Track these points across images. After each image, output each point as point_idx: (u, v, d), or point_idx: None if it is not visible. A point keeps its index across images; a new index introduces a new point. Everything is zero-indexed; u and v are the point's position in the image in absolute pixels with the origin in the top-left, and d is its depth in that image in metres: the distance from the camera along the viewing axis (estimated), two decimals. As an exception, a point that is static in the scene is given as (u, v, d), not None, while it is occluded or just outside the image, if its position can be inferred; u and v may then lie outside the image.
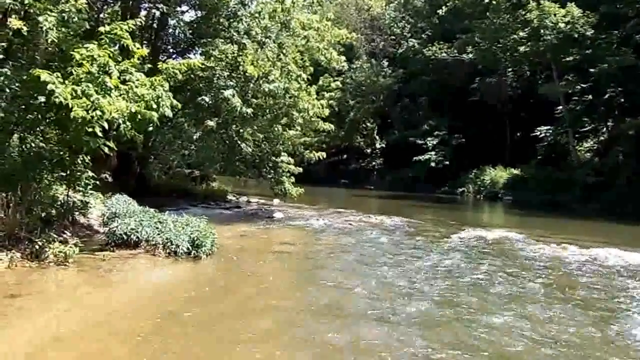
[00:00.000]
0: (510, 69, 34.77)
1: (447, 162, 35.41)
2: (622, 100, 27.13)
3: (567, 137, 29.40)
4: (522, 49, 28.08)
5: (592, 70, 25.69)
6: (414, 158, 36.02)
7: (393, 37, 43.16)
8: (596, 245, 12.05)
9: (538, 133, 30.70)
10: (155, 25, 16.95)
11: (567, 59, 26.72)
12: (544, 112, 30.83)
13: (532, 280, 8.49)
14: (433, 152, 35.75)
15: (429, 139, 36.40)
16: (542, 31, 26.33)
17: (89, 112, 7.96)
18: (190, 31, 16.95)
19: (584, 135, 30.72)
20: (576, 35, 25.72)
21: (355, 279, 8.20)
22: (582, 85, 27.12)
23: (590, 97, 27.95)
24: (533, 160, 31.29)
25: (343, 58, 18.43)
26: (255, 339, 5.36)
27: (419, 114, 39.88)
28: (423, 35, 40.44)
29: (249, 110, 14.63)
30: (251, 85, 15.23)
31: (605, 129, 30.02)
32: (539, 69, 32.52)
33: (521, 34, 27.78)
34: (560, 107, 28.90)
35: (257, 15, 15.95)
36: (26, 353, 4.72)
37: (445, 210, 23.80)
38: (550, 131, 30.25)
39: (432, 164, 35.44)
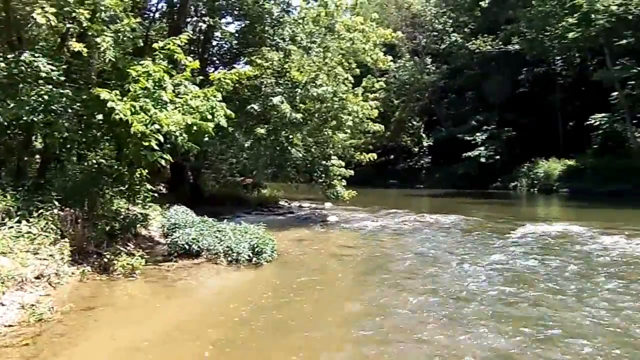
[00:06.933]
0: (559, 57, 33.61)
1: (498, 157, 34.50)
2: (684, 81, 25.75)
3: (625, 124, 28.10)
4: (571, 35, 27.07)
5: (649, 51, 24.56)
6: (464, 154, 35.27)
7: (435, 33, 42.47)
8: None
9: (592, 121, 29.37)
10: (201, 37, 17.27)
11: (621, 42, 25.59)
12: (597, 99, 29.55)
13: (604, 276, 8.11)
14: (483, 148, 34.91)
15: (477, 134, 35.58)
16: (592, 15, 25.29)
17: (148, 126, 8.17)
18: (236, 41, 17.20)
19: (643, 120, 29.34)
20: (630, 17, 24.58)
21: (418, 280, 8.05)
22: (639, 68, 25.85)
23: (648, 80, 26.63)
24: (588, 149, 30.06)
25: (390, 58, 18.27)
26: (328, 345, 5.35)
27: (466, 110, 39.08)
28: (466, 29, 39.64)
29: (298, 116, 14.69)
30: (299, 90, 15.28)
31: (666, 112, 28.62)
32: (590, 55, 31.31)
33: (570, 20, 26.77)
34: (616, 92, 27.67)
35: (301, 21, 16.06)
36: (108, 364, 4.84)
37: (500, 206, 23.21)
38: (606, 118, 28.90)
39: (483, 160, 34.59)
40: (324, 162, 16.40)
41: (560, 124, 34.44)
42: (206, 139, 10.01)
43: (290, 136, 15.48)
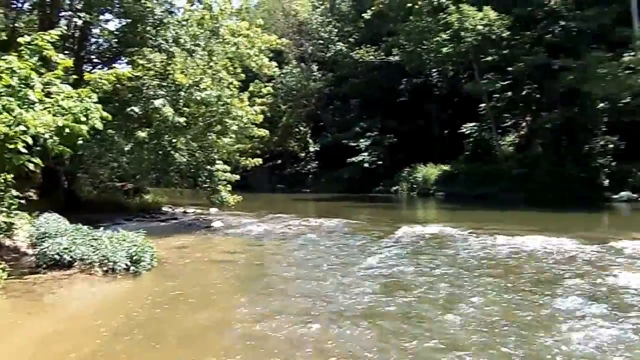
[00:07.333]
0: (435, 70, 36.03)
1: (381, 162, 36.19)
2: (539, 96, 28.97)
3: (491, 133, 30.88)
4: (445, 50, 29.16)
5: (510, 69, 27.19)
6: (348, 160, 36.56)
7: (321, 42, 43.53)
8: (524, 233, 12.74)
9: (464, 130, 32.10)
10: (77, 34, 16.28)
11: (487, 58, 28.11)
12: (469, 110, 32.25)
13: (474, 276, 8.68)
14: (366, 153, 36.38)
15: (361, 140, 37.02)
16: (462, 33, 27.45)
17: (12, 127, 7.56)
18: (116, 40, 16.44)
19: (506, 130, 32.49)
20: (493, 37, 27.05)
21: (293, 287, 8.22)
22: (502, 83, 28.56)
23: (509, 94, 29.52)
24: (461, 156, 32.63)
25: (274, 64, 18.43)
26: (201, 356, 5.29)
27: (350, 116, 40.48)
28: (350, 39, 41.16)
29: (181, 120, 14.37)
30: (182, 93, 14.94)
31: (525, 123, 31.87)
32: (462, 68, 33.93)
33: (443, 36, 28.81)
34: (484, 104, 30.36)
35: (184, 22, 15.74)
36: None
37: (381, 209, 24.36)
38: (476, 127, 31.76)
39: (366, 165, 36.06)
40: (208, 167, 16.17)
41: (437, 131, 37.00)
42: (81, 141, 9.46)
43: (174, 140, 15.10)
